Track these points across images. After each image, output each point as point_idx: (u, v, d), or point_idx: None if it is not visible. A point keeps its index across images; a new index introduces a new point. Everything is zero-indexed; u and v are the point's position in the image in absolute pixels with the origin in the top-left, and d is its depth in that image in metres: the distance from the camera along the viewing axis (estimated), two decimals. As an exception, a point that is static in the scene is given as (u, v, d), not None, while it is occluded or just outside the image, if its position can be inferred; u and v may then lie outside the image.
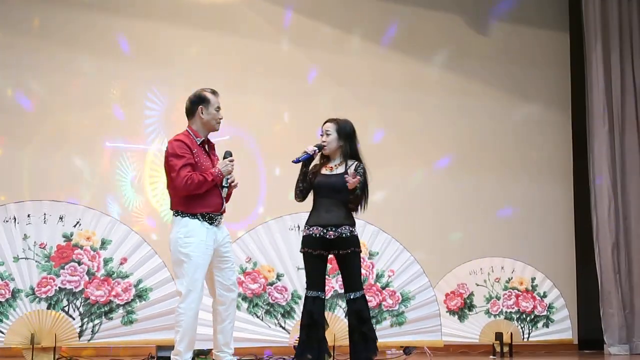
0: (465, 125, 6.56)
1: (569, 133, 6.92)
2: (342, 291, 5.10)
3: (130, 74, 5.68)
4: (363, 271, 5.13)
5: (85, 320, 4.65)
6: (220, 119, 3.67)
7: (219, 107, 3.66)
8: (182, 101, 3.76)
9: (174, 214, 3.61)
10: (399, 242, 5.25)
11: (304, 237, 3.90)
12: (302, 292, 5.03)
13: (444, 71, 6.51)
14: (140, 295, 4.78)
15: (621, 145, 6.58)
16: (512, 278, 5.95)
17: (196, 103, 3.65)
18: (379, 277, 5.25)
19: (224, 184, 3.63)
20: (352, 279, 3.81)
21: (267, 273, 5.07)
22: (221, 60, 5.89)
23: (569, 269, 6.71)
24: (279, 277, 5.08)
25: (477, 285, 5.87)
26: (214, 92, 3.68)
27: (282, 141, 5.96)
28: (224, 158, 3.67)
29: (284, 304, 5.06)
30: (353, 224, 3.84)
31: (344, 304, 5.12)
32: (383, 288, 5.26)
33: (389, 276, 5.21)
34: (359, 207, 3.87)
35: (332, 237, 3.79)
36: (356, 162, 3.88)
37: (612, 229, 6.48)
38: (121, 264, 4.79)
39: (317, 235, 3.83)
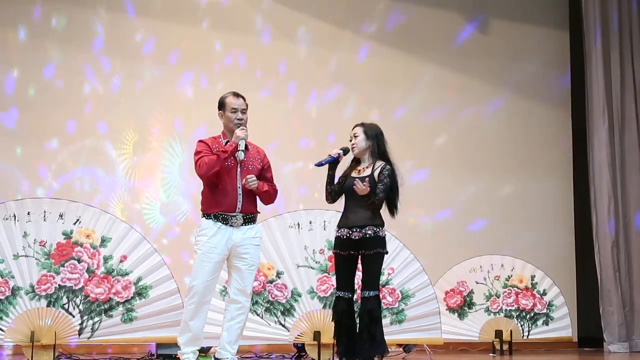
0: (463, 122, 6.58)
1: (568, 130, 6.95)
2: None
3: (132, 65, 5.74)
4: None
5: (85, 318, 4.68)
6: (239, 119, 3.74)
7: (235, 109, 3.74)
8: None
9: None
10: (398, 239, 5.27)
11: (334, 239, 4.06)
12: (301, 289, 5.13)
13: (441, 69, 6.53)
14: (140, 293, 4.80)
15: (621, 142, 6.62)
16: (511, 276, 5.98)
17: (218, 108, 3.84)
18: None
19: (239, 148, 3.69)
20: (370, 278, 3.90)
21: (267, 271, 5.09)
22: (226, 57, 5.94)
23: (569, 266, 6.74)
24: (278, 274, 5.11)
25: (477, 283, 5.90)
26: (234, 95, 3.79)
27: (287, 138, 6.03)
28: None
29: (283, 301, 5.07)
30: (379, 225, 3.94)
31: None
32: (383, 286, 5.29)
33: (389, 274, 5.23)
34: (393, 211, 4.01)
35: (357, 237, 3.91)
36: (383, 164, 3.98)
37: (611, 226, 6.52)
38: (121, 261, 4.82)
39: (345, 236, 3.96)
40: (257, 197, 3.85)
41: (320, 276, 5.20)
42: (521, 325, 5.92)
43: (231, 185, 3.75)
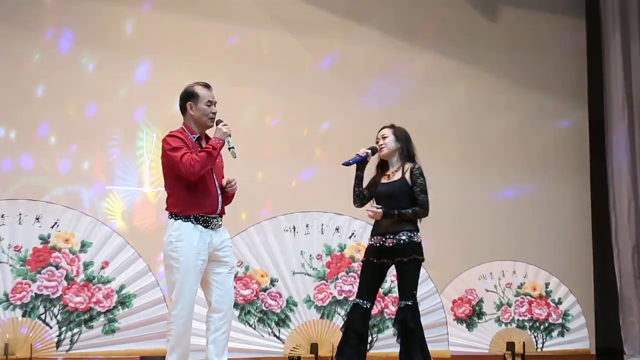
0: (472, 118, 6.53)
1: (585, 127, 6.90)
2: (340, 298, 5.21)
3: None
4: None
5: (64, 329, 4.66)
6: (214, 113, 3.68)
7: (210, 101, 3.68)
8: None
9: (168, 216, 3.65)
10: None
11: (366, 248, 4.11)
12: (297, 298, 5.20)
13: (448, 60, 6.48)
14: (123, 302, 4.79)
15: (642, 140, 6.62)
16: (524, 283, 5.98)
17: (184, 99, 3.70)
18: None
19: (229, 146, 3.67)
20: (405, 286, 3.93)
21: (260, 278, 5.09)
22: (210, 48, 5.85)
23: (586, 273, 6.68)
24: (272, 282, 5.11)
25: (487, 291, 5.90)
26: (205, 86, 3.71)
27: (277, 136, 5.97)
28: (217, 125, 3.72)
29: (278, 311, 5.08)
30: (413, 230, 3.97)
31: (342, 312, 5.19)
32: (385, 294, 5.32)
33: (392, 281, 5.21)
34: (424, 217, 4.02)
35: (391, 244, 3.95)
36: (412, 165, 4.03)
37: (632, 230, 6.46)
38: (102, 268, 4.81)
39: (377, 244, 4.01)
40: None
41: (317, 284, 5.22)
42: (535, 337, 5.91)
43: (213, 185, 3.69)
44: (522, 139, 6.68)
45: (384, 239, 3.97)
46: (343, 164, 4.02)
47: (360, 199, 4.09)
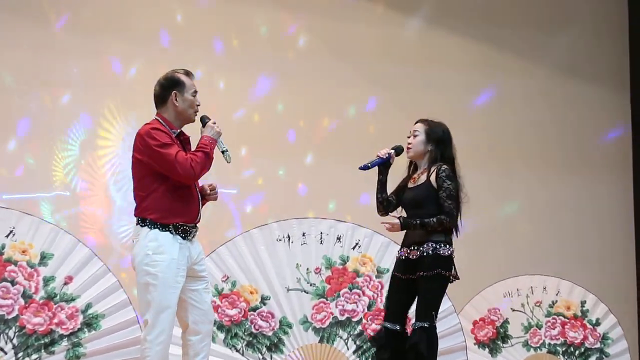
0: (494, 109, 6.43)
1: (627, 120, 6.84)
2: (343, 318, 5.37)
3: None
4: (370, 293, 5.16)
5: (21, 355, 4.65)
6: (198, 105, 3.70)
7: (195, 91, 3.69)
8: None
9: (139, 224, 3.61)
10: None
11: (395, 261, 4.15)
12: (292, 318, 5.15)
13: (461, 38, 6.35)
14: (90, 324, 4.78)
15: (693, 134, 6.62)
16: (556, 301, 5.93)
17: (168, 88, 3.66)
18: None
19: (222, 148, 3.70)
20: (421, 305, 3.93)
21: (249, 295, 5.08)
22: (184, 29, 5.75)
23: (628, 289, 6.57)
24: (263, 300, 5.11)
25: (513, 310, 5.85)
26: (188, 74, 3.71)
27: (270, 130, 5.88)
28: (204, 123, 3.72)
29: (270, 334, 5.08)
30: (441, 242, 3.95)
31: (344, 335, 5.23)
32: None
33: None
34: (452, 227, 3.99)
35: (415, 257, 3.96)
36: (439, 165, 3.99)
37: (683, 238, 6.49)
38: (66, 284, 4.80)
39: (403, 257, 4.04)
40: None
41: (316, 302, 5.22)
42: (569, 363, 5.99)
43: (195, 190, 3.70)
44: (552, 132, 6.58)
45: (409, 251, 3.99)
46: (360, 168, 4.00)
47: (384, 206, 4.09)
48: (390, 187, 4.13)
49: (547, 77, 6.58)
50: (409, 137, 4.07)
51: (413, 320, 3.90)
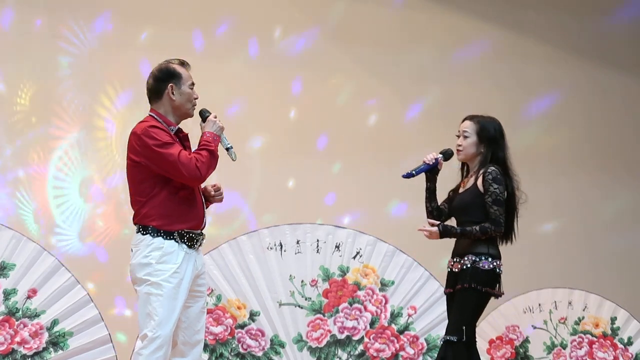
0: (519, 98, 6.46)
1: None
2: (342, 337, 5.29)
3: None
4: (373, 308, 5.19)
5: None
6: (196, 99, 3.74)
7: (193, 84, 3.72)
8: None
9: (141, 231, 3.63)
10: (423, 267, 5.27)
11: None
12: (285, 337, 5.13)
13: (487, 24, 6.44)
14: (56, 343, 4.79)
15: None
16: (583, 318, 5.90)
17: (164, 80, 3.69)
18: (394, 316, 5.27)
19: (226, 145, 3.75)
20: (451, 317, 4.06)
21: (236, 311, 5.09)
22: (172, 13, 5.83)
23: None
24: (252, 316, 5.12)
25: (535, 328, 5.83)
26: (183, 64, 3.75)
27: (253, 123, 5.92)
28: (204, 117, 3.75)
29: (259, 354, 5.08)
30: (482, 254, 4.00)
31: (344, 355, 5.24)
32: (401, 332, 5.29)
33: (409, 315, 5.27)
34: (497, 236, 4.06)
35: (457, 270, 4.05)
36: (486, 168, 4.03)
37: None
38: (29, 297, 4.80)
39: (449, 269, 4.14)
40: None
41: (311, 318, 5.22)
42: (597, 388, 5.91)
43: (198, 193, 3.72)
44: (581, 126, 6.62)
45: (452, 263, 4.09)
46: (403, 176, 4.04)
47: (434, 217, 4.13)
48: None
49: (572, 66, 6.63)
50: (458, 137, 4.11)
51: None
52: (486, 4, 6.50)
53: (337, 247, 5.27)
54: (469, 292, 3.95)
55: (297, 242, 5.20)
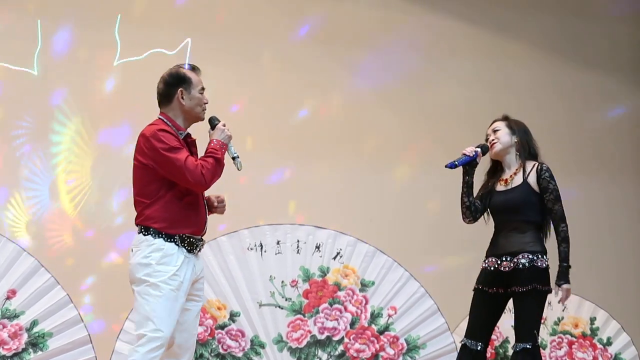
0: (506, 98, 6.31)
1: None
2: (322, 337, 5.34)
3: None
4: (353, 309, 5.20)
5: None
6: (206, 103, 3.79)
7: (203, 88, 3.77)
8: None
9: (142, 232, 3.65)
10: (403, 267, 5.33)
11: (480, 272, 4.16)
12: (265, 337, 5.19)
13: (471, 26, 6.43)
14: (35, 344, 4.81)
15: None
16: (562, 318, 5.97)
17: (174, 85, 3.74)
18: (374, 316, 5.31)
19: (232, 154, 3.77)
20: (521, 324, 4.00)
21: (216, 311, 5.11)
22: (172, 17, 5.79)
23: None
24: (233, 317, 5.14)
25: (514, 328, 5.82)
26: (194, 69, 3.82)
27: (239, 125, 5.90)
28: (213, 125, 3.79)
29: (240, 355, 5.10)
30: (538, 252, 4.01)
31: (324, 356, 5.27)
32: (380, 333, 5.31)
33: (390, 316, 5.31)
34: (547, 232, 4.15)
35: (507, 269, 3.99)
36: (536, 163, 4.08)
37: None
38: (8, 298, 4.82)
39: (492, 268, 4.06)
40: None
41: (292, 319, 5.26)
42: (577, 388, 5.91)
43: (201, 199, 3.76)
44: (554, 128, 6.49)
45: (499, 262, 4.01)
46: (446, 166, 4.07)
47: (471, 212, 4.13)
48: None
49: (547, 65, 6.59)
50: (489, 136, 4.16)
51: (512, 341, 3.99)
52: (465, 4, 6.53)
53: (318, 247, 5.31)
54: (533, 295, 3.96)
55: (278, 243, 5.22)
